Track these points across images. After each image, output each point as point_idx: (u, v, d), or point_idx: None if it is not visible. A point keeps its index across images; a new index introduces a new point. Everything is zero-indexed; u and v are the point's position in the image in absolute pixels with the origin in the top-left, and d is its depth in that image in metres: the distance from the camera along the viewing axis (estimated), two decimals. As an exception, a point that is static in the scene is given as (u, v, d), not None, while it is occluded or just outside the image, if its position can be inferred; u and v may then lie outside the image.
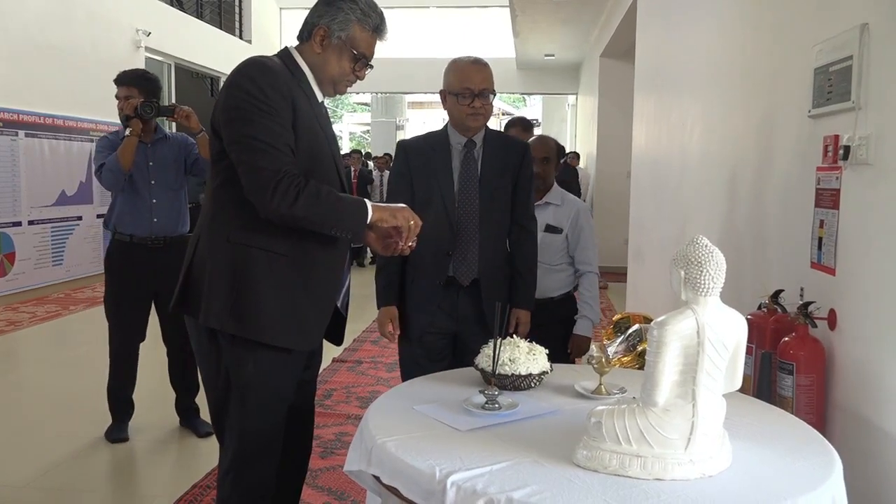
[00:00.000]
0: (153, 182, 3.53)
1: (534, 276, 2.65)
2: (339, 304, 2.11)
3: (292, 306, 1.92)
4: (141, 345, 3.69)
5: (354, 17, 1.94)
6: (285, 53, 2.01)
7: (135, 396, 3.72)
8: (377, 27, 1.99)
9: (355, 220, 1.88)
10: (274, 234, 1.88)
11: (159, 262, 3.48)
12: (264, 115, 1.82)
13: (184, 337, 3.72)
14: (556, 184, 3.12)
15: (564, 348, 2.96)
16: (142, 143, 3.51)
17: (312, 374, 2.23)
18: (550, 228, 3.00)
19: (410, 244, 1.95)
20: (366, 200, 1.91)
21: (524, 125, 3.98)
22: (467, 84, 2.44)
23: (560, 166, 3.20)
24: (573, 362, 2.89)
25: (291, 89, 1.89)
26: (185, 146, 3.67)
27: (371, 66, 2.04)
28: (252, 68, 1.88)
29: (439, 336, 2.53)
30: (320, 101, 2.03)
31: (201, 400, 3.72)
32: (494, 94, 2.50)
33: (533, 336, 2.14)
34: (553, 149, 3.11)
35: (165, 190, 3.57)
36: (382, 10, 2.03)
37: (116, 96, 3.57)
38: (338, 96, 2.16)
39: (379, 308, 2.55)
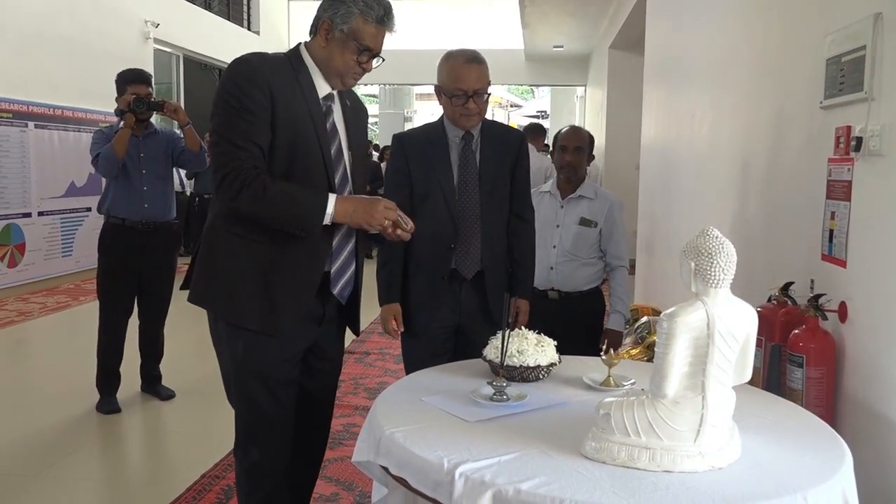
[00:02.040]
0: (144, 172, 3.90)
1: (532, 265, 2.66)
2: (335, 292, 2.07)
3: (264, 290, 1.95)
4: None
5: (357, 9, 1.93)
6: (293, 49, 2.04)
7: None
8: (381, 18, 1.96)
9: (307, 219, 1.90)
10: (251, 221, 1.92)
11: (147, 244, 3.89)
12: (233, 111, 1.88)
13: (160, 312, 4.06)
14: (587, 177, 3.13)
15: (590, 340, 2.97)
16: (134, 136, 3.85)
17: (330, 365, 2.22)
18: (585, 222, 3.03)
19: (407, 231, 1.96)
20: (330, 197, 1.90)
21: (535, 130, 4.01)
22: (460, 85, 2.37)
23: (591, 158, 3.18)
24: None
25: (273, 83, 1.90)
26: (173, 139, 4.05)
27: (382, 59, 2.02)
28: (234, 65, 1.94)
29: (442, 330, 2.52)
30: (323, 95, 2.01)
31: (164, 367, 4.19)
32: (489, 95, 2.44)
33: (560, 329, 2.14)
34: (586, 139, 3.10)
35: (155, 179, 3.93)
36: (389, 1, 2.01)
37: (136, 93, 3.86)
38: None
39: (381, 305, 2.53)
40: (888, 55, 1.84)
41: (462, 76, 2.38)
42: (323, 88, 2.02)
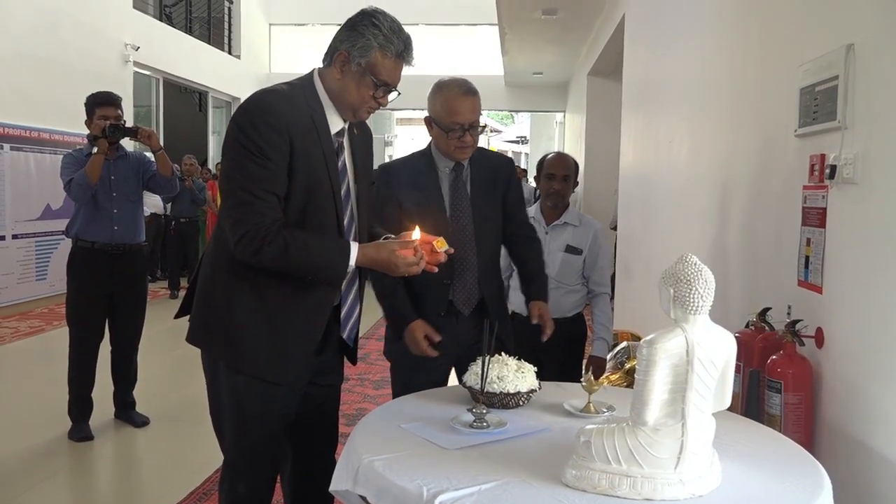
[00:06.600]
0: (115, 194, 3.87)
1: (545, 275, 2.63)
2: (343, 335, 2.07)
3: (270, 339, 1.91)
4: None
5: (376, 42, 1.85)
6: (307, 78, 1.96)
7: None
8: (400, 53, 1.89)
9: (331, 272, 1.88)
10: (260, 269, 1.87)
11: (117, 267, 3.86)
12: (250, 157, 1.80)
13: (132, 336, 4.00)
14: (570, 204, 3.17)
15: (574, 365, 3.00)
16: (105, 159, 3.82)
17: (328, 391, 2.17)
18: (571, 249, 3.05)
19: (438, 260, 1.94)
20: (352, 248, 1.87)
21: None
22: (457, 119, 2.29)
23: (576, 185, 3.21)
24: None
25: (291, 128, 1.83)
26: (143, 163, 4.03)
27: (398, 92, 1.95)
28: (253, 105, 1.85)
29: (442, 363, 2.43)
30: (335, 132, 1.95)
31: (138, 393, 4.11)
32: (484, 127, 2.41)
33: (543, 354, 2.11)
34: (573, 166, 3.13)
35: (125, 202, 3.91)
36: (409, 34, 1.93)
37: (104, 116, 3.83)
38: None
39: (404, 328, 2.36)
40: (860, 85, 1.87)
41: (458, 109, 2.30)
42: (336, 124, 1.95)
